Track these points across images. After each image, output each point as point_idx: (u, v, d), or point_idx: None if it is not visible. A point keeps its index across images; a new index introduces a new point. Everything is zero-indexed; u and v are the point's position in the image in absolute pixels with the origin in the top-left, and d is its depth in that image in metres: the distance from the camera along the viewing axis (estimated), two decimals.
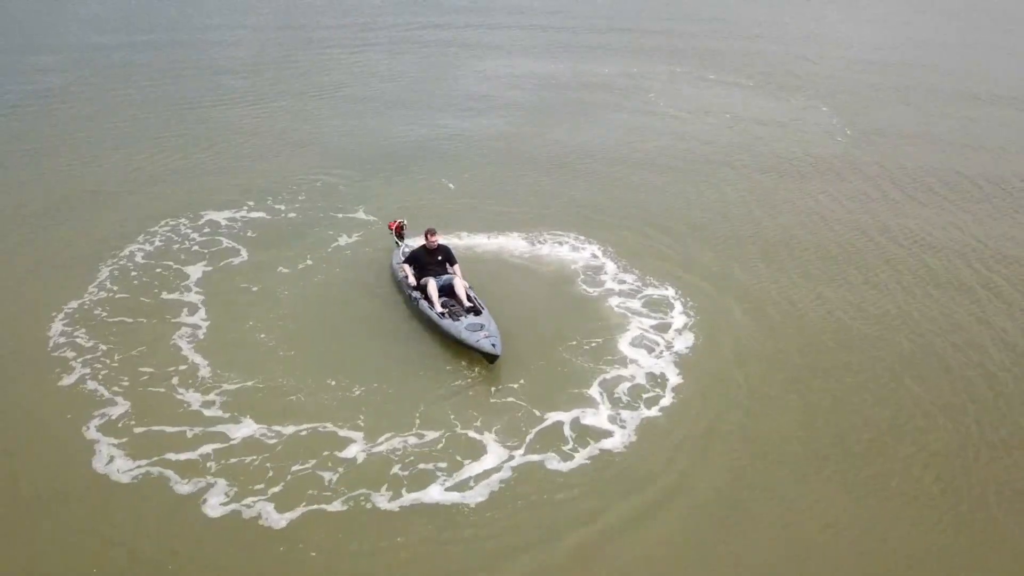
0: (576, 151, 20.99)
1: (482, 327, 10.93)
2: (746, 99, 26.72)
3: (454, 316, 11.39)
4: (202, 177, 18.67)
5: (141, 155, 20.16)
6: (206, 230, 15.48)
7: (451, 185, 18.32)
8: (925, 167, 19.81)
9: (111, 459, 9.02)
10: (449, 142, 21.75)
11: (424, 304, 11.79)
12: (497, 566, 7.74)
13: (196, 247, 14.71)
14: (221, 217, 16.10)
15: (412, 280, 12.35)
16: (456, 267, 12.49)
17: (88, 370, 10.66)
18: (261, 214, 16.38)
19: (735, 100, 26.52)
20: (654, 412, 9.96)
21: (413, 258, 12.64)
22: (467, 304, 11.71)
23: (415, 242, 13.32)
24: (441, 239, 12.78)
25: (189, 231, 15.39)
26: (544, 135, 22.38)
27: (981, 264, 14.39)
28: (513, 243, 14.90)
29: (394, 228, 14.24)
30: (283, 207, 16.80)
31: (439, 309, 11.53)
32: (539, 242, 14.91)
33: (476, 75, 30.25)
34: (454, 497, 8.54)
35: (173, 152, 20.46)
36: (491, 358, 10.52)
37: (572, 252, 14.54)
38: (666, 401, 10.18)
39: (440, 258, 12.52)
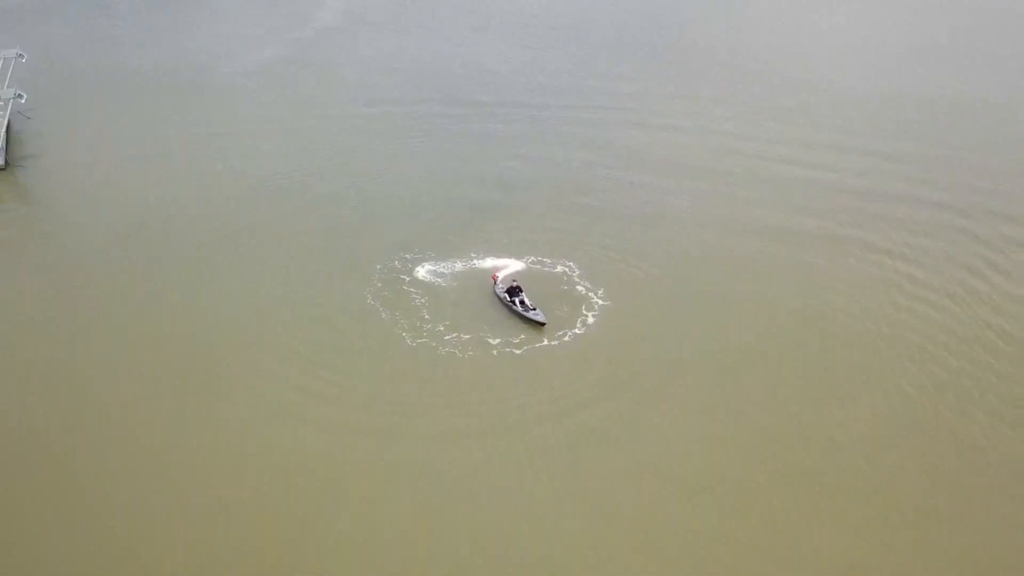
0: (571, 227, 39.36)
1: (538, 312, 29.94)
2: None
3: (525, 310, 29.99)
4: (387, 233, 36.91)
5: (339, 217, 38.37)
6: (399, 262, 33.92)
7: (504, 239, 36.63)
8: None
9: (406, 342, 28.47)
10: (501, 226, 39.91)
11: (515, 307, 30.34)
12: (529, 369, 27.51)
13: (404, 267, 33.23)
14: (407, 254, 34.55)
15: (508, 298, 30.86)
16: (524, 292, 31.04)
17: (396, 316, 30.03)
18: (423, 259, 34.64)
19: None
20: (602, 333, 29.29)
21: (507, 288, 31.16)
22: (529, 305, 30.29)
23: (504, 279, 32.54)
24: (514, 278, 31.53)
25: (395, 262, 34.17)
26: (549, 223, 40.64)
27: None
28: (531, 264, 33.91)
29: (493, 277, 32.61)
30: (419, 255, 34.94)
31: (519, 308, 30.06)
32: (547, 265, 33.94)
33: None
34: (516, 352, 28.73)
35: (375, 218, 38.70)
36: (542, 325, 29.63)
37: (563, 269, 33.60)
38: (607, 330, 29.57)
39: (517, 287, 31.15)
